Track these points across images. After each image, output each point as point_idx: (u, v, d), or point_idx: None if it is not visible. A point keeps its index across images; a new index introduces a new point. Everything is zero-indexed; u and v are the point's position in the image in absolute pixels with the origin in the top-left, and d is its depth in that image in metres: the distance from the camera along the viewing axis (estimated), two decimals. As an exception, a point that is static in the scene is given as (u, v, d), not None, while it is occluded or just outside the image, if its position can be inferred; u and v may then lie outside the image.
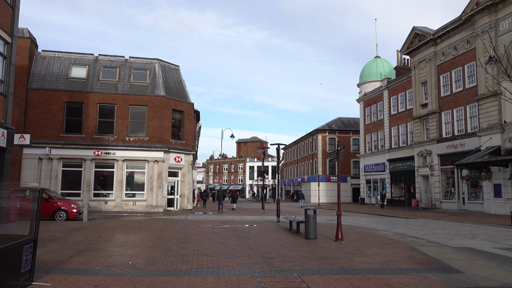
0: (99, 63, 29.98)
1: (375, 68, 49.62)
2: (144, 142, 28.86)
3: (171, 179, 30.15)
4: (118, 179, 28.30)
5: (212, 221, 20.02)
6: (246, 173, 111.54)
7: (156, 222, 18.64)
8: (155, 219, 20.85)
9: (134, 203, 28.60)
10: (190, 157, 31.35)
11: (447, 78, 33.86)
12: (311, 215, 13.34)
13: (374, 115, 47.04)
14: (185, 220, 20.29)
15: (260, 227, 17.00)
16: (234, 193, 36.49)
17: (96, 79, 29.27)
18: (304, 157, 67.91)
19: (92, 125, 28.28)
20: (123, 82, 29.61)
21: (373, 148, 47.30)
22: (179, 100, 30.66)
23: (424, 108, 36.55)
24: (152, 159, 28.77)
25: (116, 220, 19.45)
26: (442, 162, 34.23)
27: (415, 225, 19.49)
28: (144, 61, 30.82)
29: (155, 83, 29.95)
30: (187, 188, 31.06)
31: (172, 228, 16.28)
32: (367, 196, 48.50)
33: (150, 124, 29.03)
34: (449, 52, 33.58)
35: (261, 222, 20.07)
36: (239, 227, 16.83)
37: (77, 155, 27.88)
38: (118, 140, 28.55)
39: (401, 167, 41.08)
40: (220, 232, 14.86)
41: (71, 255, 9.41)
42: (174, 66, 32.41)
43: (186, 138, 31.12)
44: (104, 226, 16.25)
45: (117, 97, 28.78)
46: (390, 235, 14.56)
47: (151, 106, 29.14)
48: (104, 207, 28.06)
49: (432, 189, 34.85)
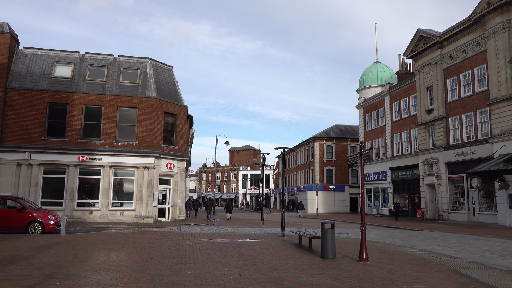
0: (86, 62, 27.81)
1: (375, 73, 48.00)
2: (134, 147, 26.65)
3: (162, 187, 27.91)
4: (105, 187, 26.00)
5: (209, 235, 17.83)
6: (239, 182, 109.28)
7: (145, 236, 16.41)
8: (144, 231, 18.60)
9: (122, 213, 26.27)
10: (183, 164, 29.16)
11: (455, 82, 32.19)
12: (329, 229, 11.26)
13: (375, 121, 45.28)
14: (178, 233, 18.07)
15: (264, 242, 14.86)
16: (229, 203, 34.80)
17: (82, 79, 27.08)
18: (300, 166, 65.91)
19: (76, 128, 26.02)
20: (112, 82, 27.45)
21: (374, 156, 45.43)
22: (172, 102, 28.54)
23: (430, 114, 34.81)
24: (142, 166, 26.54)
25: (99, 234, 17.15)
26: (449, 171, 32.40)
27: (434, 239, 17.47)
28: (135, 60, 28.72)
29: (146, 84, 27.83)
30: (179, 197, 28.81)
31: (163, 243, 14.08)
32: (367, 206, 46.48)
33: (140, 128, 26.84)
34: (457, 55, 31.96)
35: (263, 235, 17.93)
36: (240, 242, 14.68)
37: (60, 160, 25.57)
38: (105, 144, 26.30)
39: (404, 176, 39.22)
40: (219, 249, 12.70)
41: (29, 285, 7.20)
42: (167, 67, 30.35)
43: (179, 143, 28.96)
44: (84, 242, 13.99)
45: (105, 98, 26.59)
46: (418, 253, 12.51)
47: (142, 108, 26.98)
48: (88, 217, 25.70)
49: (439, 199, 32.96)
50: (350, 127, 63.14)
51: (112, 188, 26.35)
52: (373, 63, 49.64)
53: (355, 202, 58.10)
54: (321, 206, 56.55)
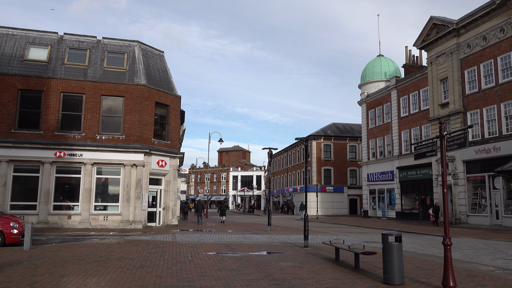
0: (65, 44, 24.23)
1: (378, 67, 45.18)
2: (120, 142, 23.17)
3: (152, 188, 24.49)
4: (86, 188, 22.46)
5: (213, 245, 14.52)
6: (229, 183, 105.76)
7: (134, 248, 13.02)
8: (133, 241, 15.18)
9: (106, 217, 22.76)
10: (176, 161, 25.77)
11: (474, 73, 29.45)
12: (395, 245, 8.08)
13: (380, 118, 42.42)
14: (175, 244, 14.71)
15: (289, 257, 11.62)
16: (223, 205, 32.26)
17: (60, 63, 23.51)
18: (295, 166, 62.84)
19: (53, 119, 22.44)
20: (95, 67, 23.93)
21: (378, 154, 42.58)
22: (164, 91, 25.14)
23: (444, 108, 32.03)
24: (130, 163, 23.08)
25: (76, 246, 13.67)
26: (468, 170, 29.62)
27: (485, 249, 14.46)
28: (121, 43, 25.23)
29: (134, 70, 24.38)
30: (172, 199, 25.39)
31: (158, 260, 10.75)
32: (371, 208, 43.60)
33: (128, 120, 23.38)
34: (477, 43, 29.22)
35: (280, 246, 14.69)
36: (259, 258, 11.42)
37: (33, 156, 21.95)
38: (87, 138, 22.77)
39: (414, 176, 36.39)
40: (236, 269, 9.43)
41: None
42: (158, 52, 26.93)
43: (171, 137, 25.57)
44: (52, 259, 10.56)
45: (86, 85, 23.07)
46: (502, 274, 9.41)
47: (129, 97, 23.52)
48: (67, 223, 22.13)
49: (456, 201, 30.15)
50: (348, 126, 60.34)
51: (95, 189, 22.83)
52: (376, 56, 46.85)
53: (354, 204, 55.26)
54: (320, 208, 53.48)
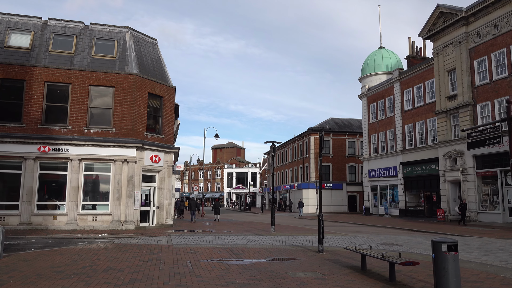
0: (49, 30, 22.33)
1: (380, 60, 43.65)
2: (110, 136, 21.38)
3: (145, 186, 22.74)
4: (73, 185, 20.65)
5: (215, 250, 12.84)
6: (224, 180, 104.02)
7: (124, 255, 11.32)
8: (124, 246, 13.45)
9: (95, 218, 20.98)
10: (170, 157, 24.03)
11: (484, 63, 28.00)
12: (450, 255, 6.45)
13: (382, 112, 40.91)
14: (171, 248, 13.02)
15: (305, 265, 10.00)
16: (217, 203, 31.57)
17: (44, 50, 21.63)
18: (293, 162, 61.26)
19: (36, 111, 20.58)
20: (82, 55, 22.08)
21: (380, 150, 41.10)
22: (157, 81, 23.36)
23: (452, 100, 30.57)
24: (121, 159, 21.30)
25: (56, 252, 11.90)
26: (478, 165, 28.21)
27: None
28: (111, 29, 23.38)
29: (125, 58, 22.56)
30: (166, 197, 23.66)
31: (153, 271, 9.06)
32: (372, 206, 42.14)
33: (118, 112, 21.58)
34: (488, 31, 27.74)
35: (289, 250, 13.04)
36: (270, 266, 9.78)
37: (15, 152, 20.11)
38: (73, 132, 20.95)
39: (419, 172, 34.93)
40: (248, 284, 7.79)
41: None
42: (151, 40, 25.12)
43: (165, 131, 23.81)
44: (24, 271, 8.82)
45: (73, 74, 21.22)
46: None
47: (120, 87, 21.71)
48: (52, 224, 20.34)
49: (465, 198, 28.72)
50: (347, 121, 58.84)
51: (83, 187, 21.04)
52: (377, 48, 45.31)
53: (353, 201, 53.82)
54: (316, 205, 51.90)
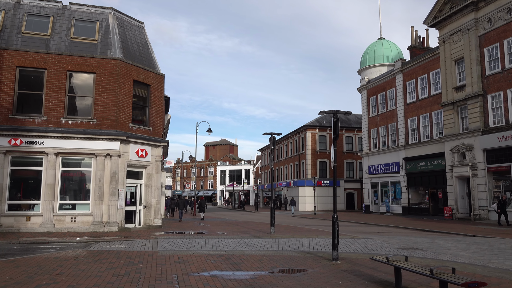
0: (22, 9, 20.04)
1: (380, 51, 41.75)
2: (90, 127, 19.19)
3: (131, 183, 20.60)
4: (49, 183, 18.45)
5: (207, 258, 10.78)
6: (217, 178, 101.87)
7: (95, 267, 9.22)
8: (98, 253, 11.32)
9: (74, 218, 18.81)
10: (159, 151, 21.89)
11: (495, 51, 26.20)
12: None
13: (383, 105, 39.04)
14: (155, 256, 10.93)
15: (322, 280, 7.99)
16: (202, 201, 31.30)
17: (16, 32, 19.36)
18: (288, 158, 59.27)
19: (7, 100, 18.33)
20: (59, 37, 19.84)
21: (381, 145, 39.25)
22: (144, 68, 21.20)
23: (460, 91, 28.75)
24: (103, 153, 19.14)
25: (13, 264, 9.71)
26: (489, 159, 26.41)
27: None
28: (92, 10, 21.13)
29: (107, 42, 20.36)
30: (154, 195, 21.53)
31: (127, 289, 7.00)
32: (372, 203, 40.31)
33: (100, 100, 19.39)
34: (499, 16, 25.92)
35: (296, 257, 11.02)
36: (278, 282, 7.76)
37: (-18, 145, 17.88)
38: (49, 123, 18.74)
39: (423, 167, 33.11)
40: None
41: None
42: (137, 23, 22.93)
43: (153, 123, 21.66)
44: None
45: (49, 58, 18.99)
46: None
47: (102, 73, 19.52)
48: (25, 226, 18.14)
49: (474, 195, 26.95)
50: (344, 116, 56.93)
51: (60, 184, 18.84)
52: (377, 39, 43.41)
53: (351, 198, 51.98)
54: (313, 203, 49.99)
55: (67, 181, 19.19)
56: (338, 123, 10.34)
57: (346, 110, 10.46)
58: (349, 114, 10.68)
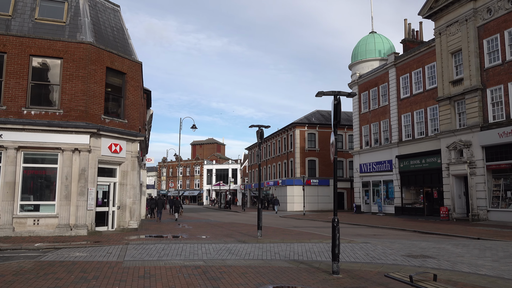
0: (-20, -14, 17.88)
1: (372, 45, 40.27)
2: (57, 118, 17.12)
3: (103, 181, 18.57)
4: (8, 181, 16.33)
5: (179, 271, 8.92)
6: (203, 177, 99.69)
7: (36, 285, 7.27)
8: (47, 266, 9.35)
9: (37, 221, 16.72)
10: (135, 146, 19.89)
11: (495, 42, 24.83)
12: None
13: (375, 101, 37.55)
14: (116, 269, 9.03)
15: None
16: (177, 201, 30.45)
17: (-28, 11, 17.20)
18: (276, 157, 57.55)
19: (-41, 87, 16.17)
20: (22, 18, 17.72)
21: (373, 142, 37.77)
22: (118, 54, 19.18)
23: (457, 85, 27.36)
24: (70, 147, 17.09)
25: None
26: (488, 157, 25.04)
27: None
28: (61, -11, 19.03)
29: (77, 24, 18.30)
30: (130, 194, 19.53)
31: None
32: (364, 203, 38.81)
33: (68, 89, 17.33)
34: (500, 6, 24.55)
35: (287, 269, 9.23)
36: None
37: None
38: (9, 113, 16.62)
39: (418, 165, 31.67)
40: None
41: None
42: (112, 6, 20.87)
43: (129, 115, 19.66)
44: None
45: (9, 40, 16.86)
46: None
47: (70, 58, 17.46)
48: (-20, 229, 15.99)
49: (473, 194, 25.56)
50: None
51: (21, 183, 16.72)
52: (368, 33, 41.93)
53: (341, 198, 50.47)
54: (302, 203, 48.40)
55: (29, 179, 17.07)
56: (339, 106, 8.60)
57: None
58: (353, 96, 8.93)
